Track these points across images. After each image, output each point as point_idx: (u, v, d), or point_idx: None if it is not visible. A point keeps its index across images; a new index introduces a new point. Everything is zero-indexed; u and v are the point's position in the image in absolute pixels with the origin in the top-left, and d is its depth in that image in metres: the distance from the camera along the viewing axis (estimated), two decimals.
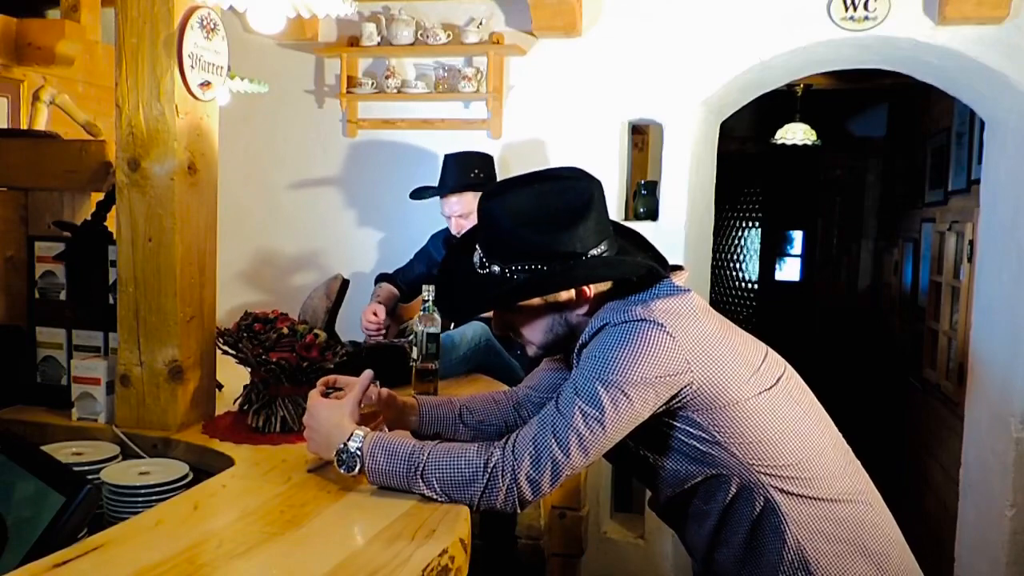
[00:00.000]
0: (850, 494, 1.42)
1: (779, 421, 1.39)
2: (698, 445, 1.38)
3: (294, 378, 1.81)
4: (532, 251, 1.41)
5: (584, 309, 1.45)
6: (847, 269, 7.25)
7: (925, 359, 4.75)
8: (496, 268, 1.44)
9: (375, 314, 2.89)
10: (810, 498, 1.38)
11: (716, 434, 1.36)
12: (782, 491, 1.37)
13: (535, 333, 1.49)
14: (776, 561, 1.37)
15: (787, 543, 1.36)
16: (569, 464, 1.33)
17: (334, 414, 1.47)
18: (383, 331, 2.88)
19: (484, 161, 3.08)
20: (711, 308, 1.48)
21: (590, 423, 1.31)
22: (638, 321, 1.33)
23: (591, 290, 1.44)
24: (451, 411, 1.68)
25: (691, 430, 1.37)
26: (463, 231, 2.92)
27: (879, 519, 1.44)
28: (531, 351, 1.53)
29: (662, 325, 1.33)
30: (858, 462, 1.51)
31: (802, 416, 1.45)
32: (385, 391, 1.65)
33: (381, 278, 3.19)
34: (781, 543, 1.36)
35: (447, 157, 3.10)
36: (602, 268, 1.45)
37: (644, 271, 1.43)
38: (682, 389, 1.34)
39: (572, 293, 1.44)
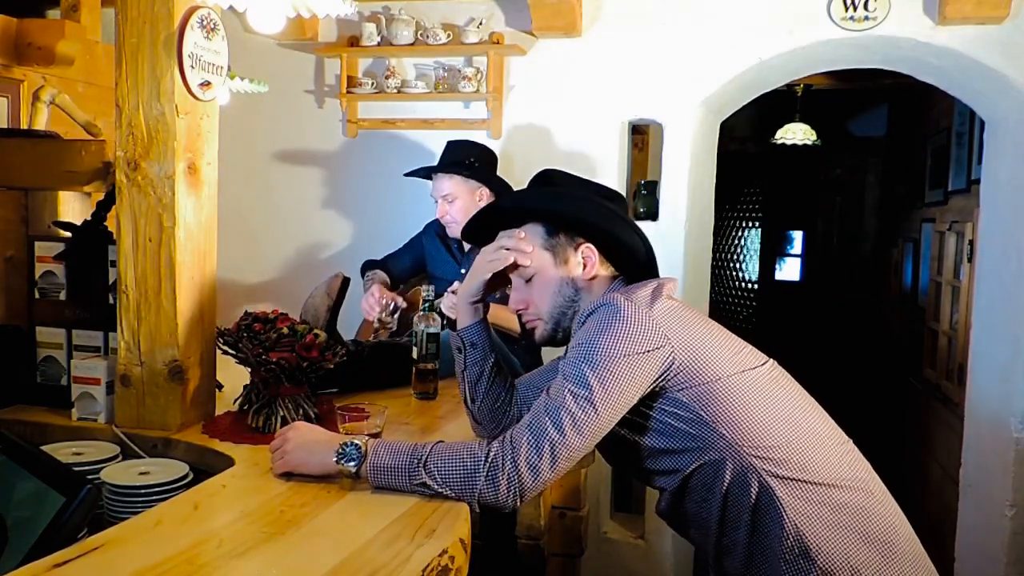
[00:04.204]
0: (848, 481, 1.44)
1: (765, 400, 1.44)
2: (688, 428, 1.42)
3: (294, 378, 1.81)
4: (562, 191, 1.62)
5: (588, 274, 1.56)
6: (847, 269, 7.25)
7: (925, 359, 4.75)
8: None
9: (372, 295, 2.75)
10: (804, 482, 1.40)
11: (703, 412, 1.40)
12: (775, 476, 1.39)
13: (544, 295, 1.57)
14: (777, 547, 1.38)
15: (785, 528, 1.38)
16: (565, 444, 1.36)
17: (317, 431, 1.54)
18: (390, 309, 2.72)
19: (484, 152, 2.95)
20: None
21: (581, 403, 1.37)
22: (616, 304, 1.42)
23: (595, 258, 1.56)
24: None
25: (679, 412, 1.42)
26: (446, 216, 2.87)
27: (881, 507, 1.44)
28: (538, 327, 1.60)
29: (638, 305, 1.41)
30: (858, 452, 1.52)
31: (789, 399, 1.49)
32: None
33: (369, 265, 3.10)
34: (780, 528, 1.38)
35: (449, 142, 2.99)
36: (614, 219, 1.55)
37: (643, 248, 1.55)
38: (666, 369, 1.40)
39: (579, 257, 1.56)
